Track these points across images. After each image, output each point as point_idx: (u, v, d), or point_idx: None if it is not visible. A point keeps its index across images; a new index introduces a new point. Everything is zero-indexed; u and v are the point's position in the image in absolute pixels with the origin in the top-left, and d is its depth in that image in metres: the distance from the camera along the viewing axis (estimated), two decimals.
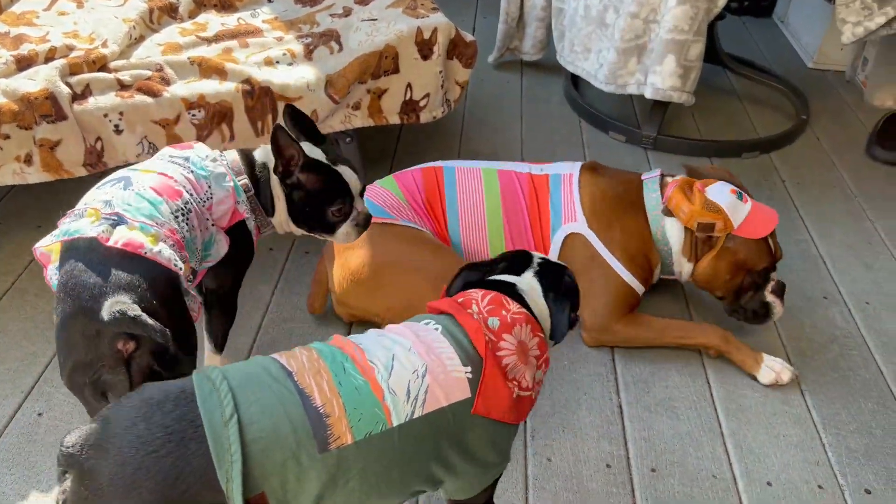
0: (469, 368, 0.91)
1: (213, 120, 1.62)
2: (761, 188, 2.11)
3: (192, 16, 1.92)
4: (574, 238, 1.53)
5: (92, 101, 1.53)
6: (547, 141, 2.27)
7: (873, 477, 1.33)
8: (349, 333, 1.53)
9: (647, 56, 2.04)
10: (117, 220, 1.03)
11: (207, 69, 1.66)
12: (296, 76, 1.68)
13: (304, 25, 1.89)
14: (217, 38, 1.80)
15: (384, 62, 1.74)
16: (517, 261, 1.07)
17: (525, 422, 1.37)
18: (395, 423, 0.86)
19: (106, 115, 1.54)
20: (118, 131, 1.56)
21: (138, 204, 1.07)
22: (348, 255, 1.48)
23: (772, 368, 1.49)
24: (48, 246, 1.04)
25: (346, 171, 1.23)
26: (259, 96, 1.64)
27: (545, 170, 1.61)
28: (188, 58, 1.67)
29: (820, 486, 1.30)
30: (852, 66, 2.76)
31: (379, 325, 1.48)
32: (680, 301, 1.70)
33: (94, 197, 1.09)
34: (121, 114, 1.55)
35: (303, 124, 1.27)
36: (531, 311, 1.00)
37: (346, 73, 1.70)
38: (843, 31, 2.04)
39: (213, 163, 1.19)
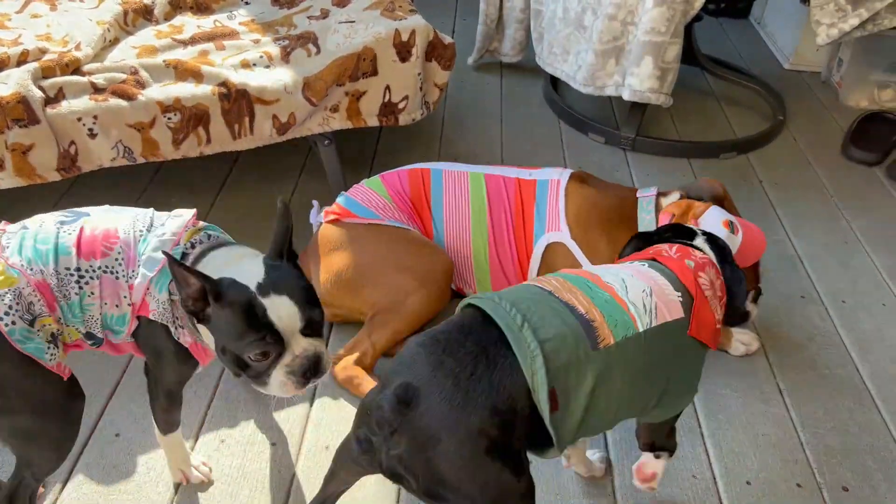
0: (679, 293, 1.03)
1: (189, 123, 1.61)
2: (739, 188, 2.12)
3: (167, 18, 1.90)
4: (556, 247, 1.52)
5: (65, 105, 1.51)
6: (527, 142, 2.27)
7: (850, 475, 1.34)
8: (329, 336, 1.52)
9: (625, 58, 2.04)
10: None
11: (183, 72, 1.64)
12: (273, 79, 1.67)
13: (280, 28, 1.88)
14: (193, 41, 1.79)
15: (362, 64, 1.73)
16: (682, 231, 1.17)
17: None
18: (640, 329, 0.96)
19: (80, 119, 1.52)
20: (92, 135, 1.54)
21: (40, 245, 1.00)
22: (333, 256, 1.47)
23: (741, 341, 1.54)
24: None
25: (276, 305, 0.96)
26: (235, 99, 1.63)
27: (534, 175, 1.59)
28: (163, 60, 1.65)
29: (798, 485, 1.31)
30: (828, 67, 2.79)
31: (362, 322, 1.48)
32: None
33: (35, 220, 1.04)
34: (95, 117, 1.53)
35: (282, 232, 1.03)
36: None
37: (323, 76, 1.69)
38: (818, 33, 2.06)
39: (158, 242, 1.02)
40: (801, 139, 2.41)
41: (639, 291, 1.00)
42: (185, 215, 1.08)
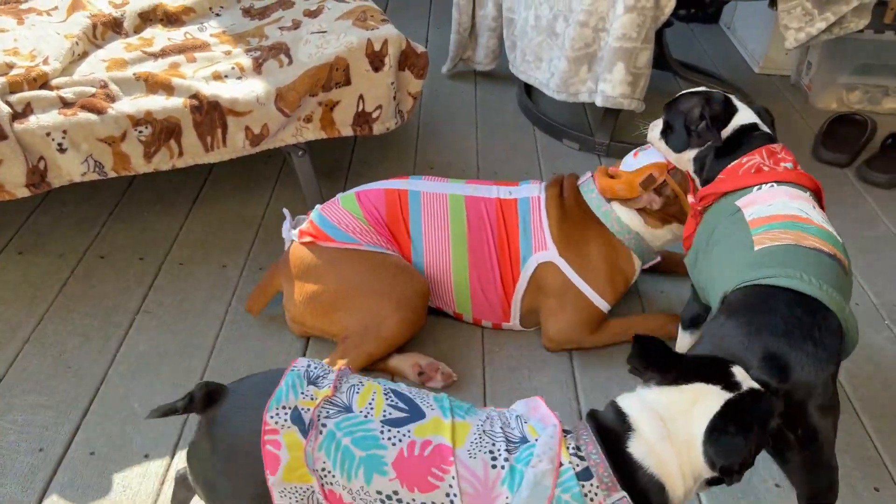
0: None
1: (160, 136, 1.59)
2: None
3: (137, 31, 1.88)
4: (546, 267, 1.52)
5: (34, 120, 1.49)
6: (502, 150, 2.28)
7: None
8: (305, 351, 1.51)
9: (597, 64, 2.06)
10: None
11: (154, 85, 1.63)
12: (245, 90, 1.66)
13: (252, 39, 1.87)
14: (163, 53, 1.77)
15: (335, 74, 1.73)
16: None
17: None
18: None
19: (49, 134, 1.50)
20: (62, 150, 1.52)
21: (354, 448, 0.89)
22: (307, 278, 1.45)
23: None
24: None
25: None
26: (207, 111, 1.61)
27: (513, 193, 1.57)
28: (134, 73, 1.64)
29: (777, 485, 1.31)
30: (797, 71, 2.83)
31: (334, 344, 1.47)
32: (633, 298, 1.72)
33: (365, 392, 0.95)
34: (64, 132, 1.51)
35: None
36: None
37: (296, 86, 1.69)
38: (786, 37, 2.08)
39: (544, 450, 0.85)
40: None
41: (812, 211, 1.19)
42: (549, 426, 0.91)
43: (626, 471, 0.90)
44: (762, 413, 0.91)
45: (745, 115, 1.39)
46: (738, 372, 0.94)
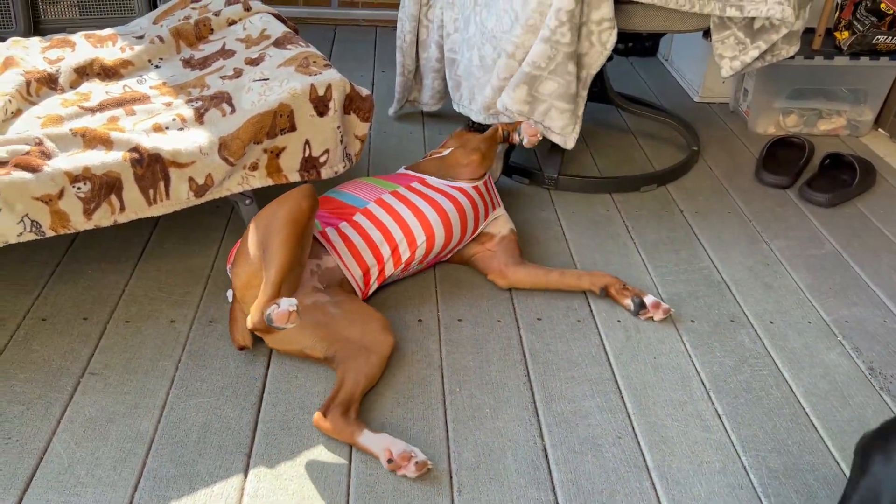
0: None
1: (100, 192, 1.55)
2: (662, 220, 2.17)
3: (73, 86, 1.84)
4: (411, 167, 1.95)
5: None
6: None
7: (795, 495, 1.34)
8: (260, 406, 1.46)
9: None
10: None
11: (92, 140, 1.59)
12: (187, 141, 1.63)
13: (193, 89, 1.84)
14: (101, 107, 1.74)
15: (279, 120, 1.71)
16: None
17: (451, 476, 1.34)
18: None
19: None
20: None
21: None
22: (238, 262, 1.56)
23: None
24: None
25: None
26: (149, 164, 1.58)
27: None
28: (70, 129, 1.59)
29: None
30: (735, 98, 2.91)
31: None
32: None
33: None
34: None
35: None
36: None
37: (240, 135, 1.66)
38: (721, 66, 2.14)
39: None
40: (716, 168, 2.49)
41: None
42: None
43: None
44: None
45: None
46: None
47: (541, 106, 2.06)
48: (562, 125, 2.09)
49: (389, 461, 1.33)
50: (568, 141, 2.11)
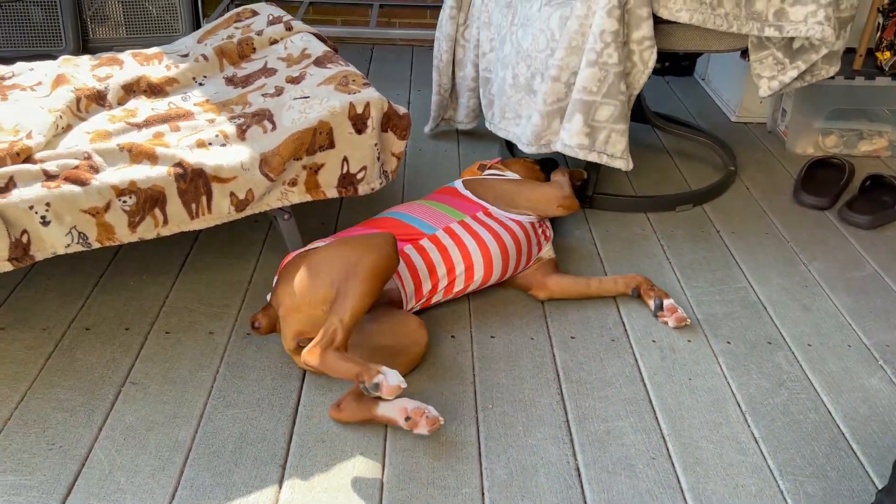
0: None
1: (144, 205, 1.59)
2: (698, 239, 2.16)
3: (121, 102, 1.90)
4: (469, 182, 1.94)
5: (16, 194, 1.49)
6: None
7: None
8: (295, 417, 1.48)
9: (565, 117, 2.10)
10: None
11: (138, 154, 1.63)
12: (229, 157, 1.67)
13: (235, 106, 1.89)
14: (147, 123, 1.79)
15: (319, 138, 1.74)
16: None
17: (483, 492, 1.34)
18: None
19: (31, 207, 1.49)
20: (45, 223, 1.51)
21: None
22: (284, 281, 1.57)
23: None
24: None
25: None
26: (192, 178, 1.62)
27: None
28: (117, 144, 1.64)
29: None
30: (773, 118, 2.88)
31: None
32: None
33: None
34: (47, 205, 1.50)
35: None
36: None
37: (280, 151, 1.70)
38: (759, 86, 2.13)
39: None
40: (753, 188, 2.47)
41: None
42: None
43: None
44: None
45: None
46: None
47: (601, 134, 2.02)
48: (622, 149, 2.06)
49: (407, 419, 1.40)
50: (629, 163, 2.09)
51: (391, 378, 1.34)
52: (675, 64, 3.40)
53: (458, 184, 1.95)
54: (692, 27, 2.01)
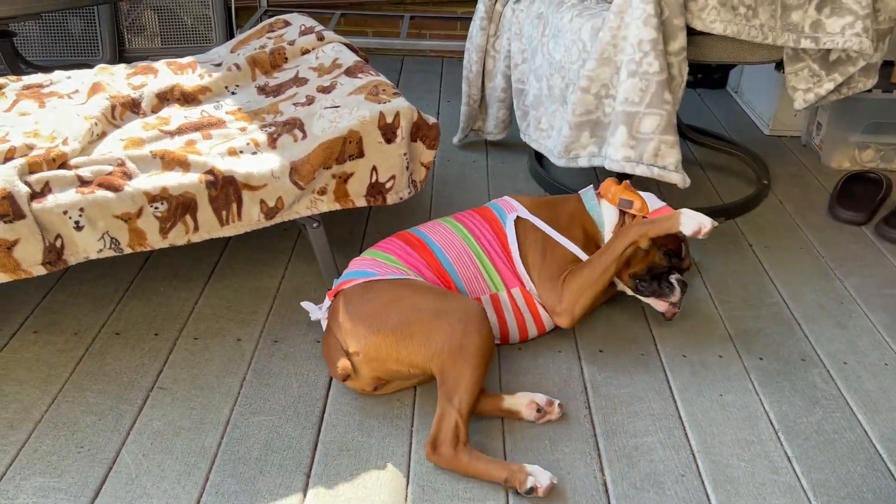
0: None
1: (176, 212, 1.61)
2: (730, 253, 2.12)
3: (155, 110, 1.93)
4: (522, 223, 1.76)
5: (51, 199, 1.51)
6: None
7: None
8: (321, 423, 1.47)
9: (600, 129, 2.05)
10: None
11: (170, 161, 1.65)
12: (260, 165, 1.68)
13: (267, 115, 1.90)
14: (180, 131, 1.81)
15: (348, 147, 1.75)
16: None
17: None
18: None
19: (66, 212, 1.51)
20: (78, 228, 1.53)
21: None
22: (362, 314, 1.49)
23: (691, 217, 1.62)
24: None
25: None
26: (223, 186, 1.63)
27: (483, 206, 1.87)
28: (150, 151, 1.66)
29: None
30: (807, 131, 2.84)
31: (416, 381, 1.54)
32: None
33: None
34: (81, 210, 1.52)
35: None
36: None
37: (310, 160, 1.71)
38: (794, 98, 2.10)
39: None
40: (787, 202, 2.43)
41: None
42: None
43: None
44: None
45: None
46: None
47: (648, 146, 1.95)
48: (674, 161, 1.96)
49: (538, 410, 1.50)
50: (686, 178, 1.99)
51: (542, 478, 1.34)
52: (708, 76, 3.36)
53: (512, 214, 1.77)
54: (726, 38, 1.99)
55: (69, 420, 1.46)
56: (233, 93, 2.06)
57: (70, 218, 1.52)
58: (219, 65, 2.17)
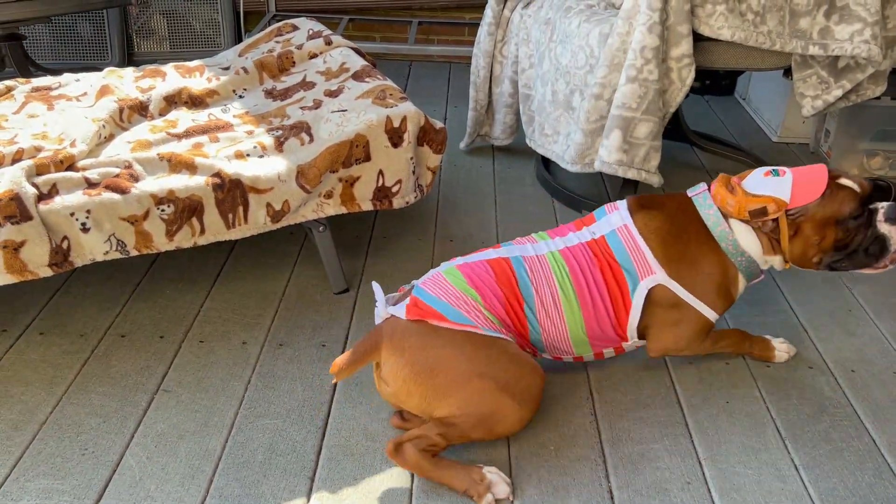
0: None
1: (182, 214, 1.61)
2: None
3: (162, 113, 1.93)
4: (657, 290, 1.54)
5: (58, 201, 1.51)
6: (521, 221, 2.27)
7: None
8: (325, 427, 1.47)
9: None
10: None
11: (177, 164, 1.66)
12: (266, 168, 1.68)
13: (274, 118, 1.91)
14: (187, 134, 1.81)
15: (355, 151, 1.75)
16: None
17: None
18: None
19: (72, 214, 1.52)
20: (85, 229, 1.54)
21: None
22: (422, 360, 1.38)
23: (780, 349, 1.70)
24: None
25: None
26: (229, 189, 1.63)
27: (597, 231, 1.57)
28: (157, 154, 1.67)
29: None
30: (815, 138, 2.83)
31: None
32: None
33: None
34: (88, 212, 1.53)
35: None
36: None
37: (317, 163, 1.71)
38: (802, 105, 2.09)
39: None
40: None
41: None
42: None
43: None
44: None
45: None
46: None
47: (640, 151, 1.99)
48: (656, 165, 2.03)
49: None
50: (661, 178, 2.06)
51: (499, 490, 1.33)
52: (716, 83, 3.36)
53: (647, 281, 1.53)
54: (734, 44, 1.99)
55: (74, 422, 1.46)
56: (240, 96, 2.06)
57: (77, 220, 1.52)
58: (227, 68, 2.17)
